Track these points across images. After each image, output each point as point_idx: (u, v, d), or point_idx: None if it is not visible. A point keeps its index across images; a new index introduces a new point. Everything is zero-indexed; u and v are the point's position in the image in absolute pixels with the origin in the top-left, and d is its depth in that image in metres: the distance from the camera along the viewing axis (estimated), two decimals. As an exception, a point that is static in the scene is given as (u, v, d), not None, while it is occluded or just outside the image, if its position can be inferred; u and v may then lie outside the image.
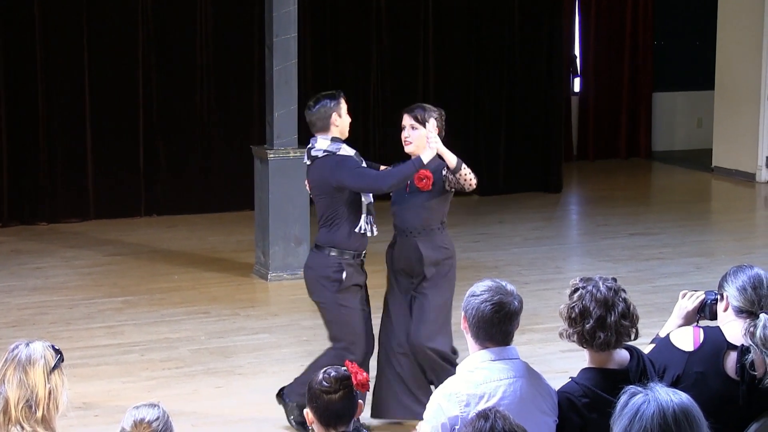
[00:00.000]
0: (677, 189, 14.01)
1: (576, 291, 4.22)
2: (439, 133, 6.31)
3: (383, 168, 6.47)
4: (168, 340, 8.15)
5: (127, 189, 12.03)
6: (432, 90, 13.00)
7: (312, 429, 4.01)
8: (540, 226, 11.73)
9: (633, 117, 15.69)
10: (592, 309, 4.15)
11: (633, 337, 4.22)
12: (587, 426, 4.12)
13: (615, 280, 4.26)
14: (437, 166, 6.23)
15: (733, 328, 4.40)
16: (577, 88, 15.57)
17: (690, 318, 4.67)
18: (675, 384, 4.26)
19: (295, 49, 9.68)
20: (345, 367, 4.04)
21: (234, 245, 10.84)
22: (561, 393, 4.21)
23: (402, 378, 6.40)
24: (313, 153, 6.30)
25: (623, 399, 3.21)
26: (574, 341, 4.21)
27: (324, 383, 3.95)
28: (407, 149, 6.34)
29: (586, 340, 4.17)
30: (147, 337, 8.18)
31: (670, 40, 16.08)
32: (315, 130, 6.35)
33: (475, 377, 4.09)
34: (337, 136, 6.30)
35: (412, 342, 6.34)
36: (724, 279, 4.51)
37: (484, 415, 3.37)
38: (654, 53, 15.70)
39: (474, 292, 4.20)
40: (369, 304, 6.44)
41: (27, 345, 3.83)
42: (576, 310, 4.17)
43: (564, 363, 6.89)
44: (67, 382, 3.85)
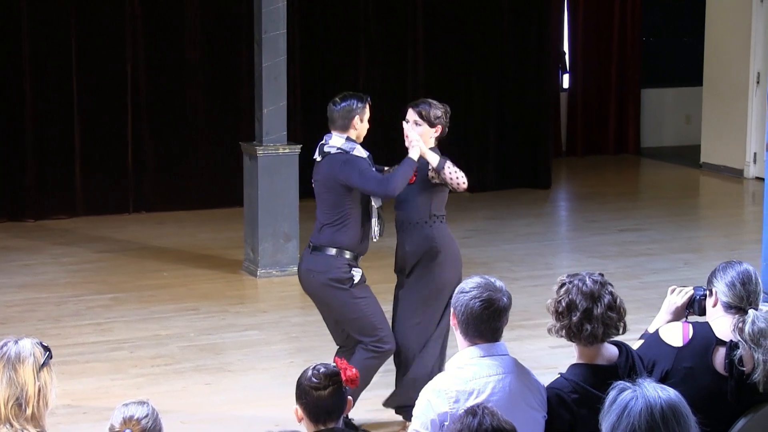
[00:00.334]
0: (666, 185, 14.02)
1: (563, 286, 4.23)
2: (443, 131, 6.30)
3: (387, 170, 6.37)
4: (157, 337, 8.13)
5: (116, 185, 11.98)
6: (421, 86, 12.98)
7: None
8: (529, 222, 11.74)
9: (622, 113, 15.69)
10: (578, 302, 4.16)
11: (621, 331, 4.23)
12: (576, 422, 4.13)
13: (602, 275, 4.28)
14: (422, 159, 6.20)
15: (722, 323, 4.41)
16: (566, 84, 15.57)
17: (679, 314, 4.68)
18: (664, 379, 4.28)
19: (284, 46, 9.66)
20: (334, 363, 4.05)
21: (223, 242, 10.82)
22: (550, 389, 4.22)
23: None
24: (326, 149, 6.21)
25: (611, 395, 3.21)
26: (562, 336, 4.23)
27: (313, 379, 3.96)
28: (407, 144, 6.28)
29: (573, 333, 4.18)
30: (136, 334, 8.16)
31: (658, 36, 16.09)
32: (333, 126, 6.24)
33: (465, 373, 4.10)
34: (353, 138, 6.24)
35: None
36: (713, 275, 4.53)
37: (472, 412, 3.38)
38: (642, 49, 15.70)
39: (463, 288, 4.21)
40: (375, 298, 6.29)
41: (16, 342, 3.80)
42: (563, 304, 4.19)
43: (553, 359, 6.89)
44: (56, 378, 3.84)
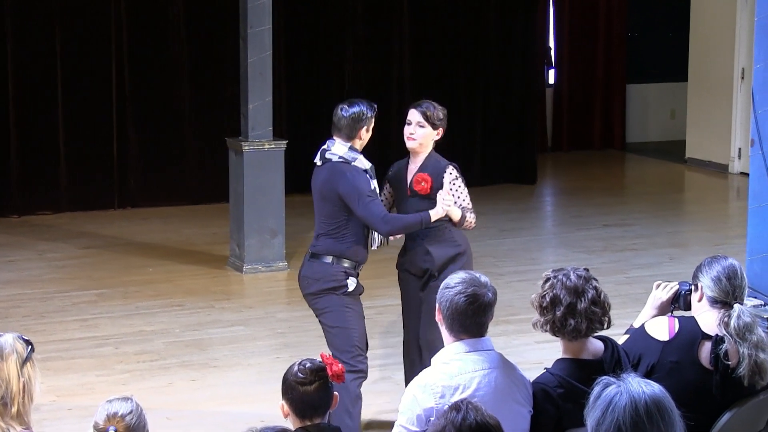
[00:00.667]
0: (651, 180, 14.04)
1: (548, 281, 4.24)
2: (444, 133, 6.19)
3: (386, 193, 6.25)
4: (143, 333, 8.11)
5: (101, 181, 11.95)
6: (407, 82, 12.99)
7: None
8: (515, 217, 11.75)
9: (607, 108, 15.71)
10: (562, 297, 4.17)
11: (605, 326, 4.24)
12: (562, 416, 4.14)
13: (587, 270, 4.29)
14: (436, 169, 6.08)
15: (708, 318, 4.42)
16: (552, 80, 15.59)
17: (664, 308, 4.69)
18: (650, 373, 4.29)
19: (270, 41, 9.64)
20: (320, 359, 4.05)
21: (209, 237, 10.81)
22: (536, 384, 4.23)
23: None
24: (328, 155, 5.99)
25: (596, 390, 3.21)
26: (546, 331, 4.24)
27: (299, 375, 3.95)
28: (410, 145, 6.14)
29: (558, 328, 4.19)
30: (121, 330, 8.14)
31: (643, 31, 16.11)
32: (338, 134, 5.98)
33: (450, 369, 4.10)
34: (356, 148, 6.00)
35: (423, 340, 6.10)
36: (698, 269, 4.53)
37: (456, 407, 3.38)
38: (627, 45, 15.72)
39: (448, 284, 4.22)
40: (364, 318, 6.13)
41: None
42: (547, 298, 4.20)
43: (538, 354, 6.90)
44: (39, 373, 3.82)
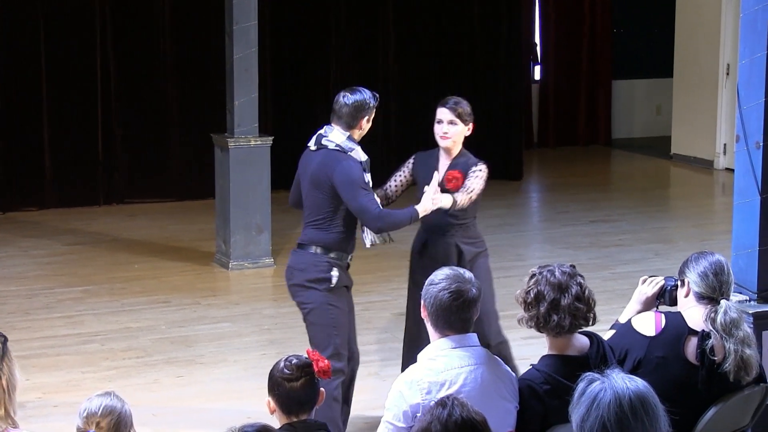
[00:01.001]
0: (636, 176, 14.07)
1: (533, 277, 4.26)
2: (474, 129, 6.25)
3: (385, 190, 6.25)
4: (128, 329, 8.10)
5: (86, 177, 11.91)
6: (393, 78, 12.98)
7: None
8: (501, 213, 11.74)
9: (592, 104, 15.73)
10: (546, 293, 4.19)
11: (590, 322, 4.25)
12: (549, 413, 4.14)
13: (573, 266, 4.29)
14: (466, 166, 6.14)
15: (694, 313, 4.43)
16: (537, 76, 15.59)
17: (649, 303, 4.70)
18: (636, 368, 4.30)
19: (256, 37, 9.63)
20: (306, 355, 4.04)
21: (195, 234, 10.79)
22: (522, 380, 4.24)
23: None
24: (324, 141, 5.84)
25: (580, 387, 3.22)
26: (531, 327, 4.25)
27: (285, 371, 3.95)
28: (444, 144, 6.16)
29: (542, 324, 4.20)
30: (107, 327, 8.13)
31: (628, 27, 16.12)
32: (338, 122, 5.83)
33: (436, 365, 4.11)
34: (355, 138, 5.88)
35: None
36: (685, 265, 4.54)
37: (441, 403, 3.38)
38: (613, 41, 15.74)
39: (432, 280, 4.22)
40: (353, 311, 6.05)
41: None
42: (531, 294, 4.22)
43: (524, 350, 6.91)
44: (17, 364, 3.76)
